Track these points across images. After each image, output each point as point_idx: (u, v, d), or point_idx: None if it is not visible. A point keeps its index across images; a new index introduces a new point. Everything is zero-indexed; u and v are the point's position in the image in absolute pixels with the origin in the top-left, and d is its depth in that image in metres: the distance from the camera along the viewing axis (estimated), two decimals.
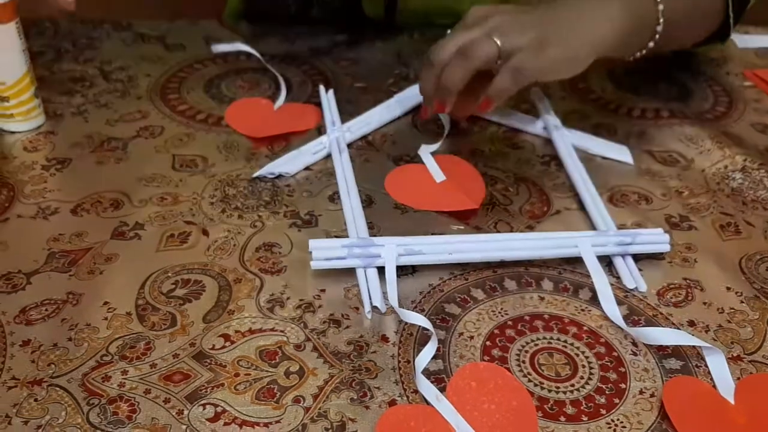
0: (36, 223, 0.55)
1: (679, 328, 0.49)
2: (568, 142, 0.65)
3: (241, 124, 0.68)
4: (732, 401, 0.44)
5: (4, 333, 0.47)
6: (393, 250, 0.52)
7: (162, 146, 0.64)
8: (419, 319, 0.48)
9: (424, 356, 0.46)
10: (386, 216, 0.57)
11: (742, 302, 0.51)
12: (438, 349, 0.47)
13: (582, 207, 0.59)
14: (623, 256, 0.54)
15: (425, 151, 0.64)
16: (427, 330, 0.47)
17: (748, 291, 0.52)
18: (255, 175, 0.61)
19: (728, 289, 0.52)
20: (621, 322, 0.48)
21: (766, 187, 0.62)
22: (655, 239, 0.54)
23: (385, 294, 0.50)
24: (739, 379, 0.45)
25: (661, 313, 0.50)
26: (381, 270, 0.52)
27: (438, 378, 0.45)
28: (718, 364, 0.46)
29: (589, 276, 0.52)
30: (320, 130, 0.67)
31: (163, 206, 0.57)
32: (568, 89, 0.74)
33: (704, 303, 0.51)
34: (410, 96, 0.71)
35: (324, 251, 0.51)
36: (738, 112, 0.72)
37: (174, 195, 0.59)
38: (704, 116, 0.71)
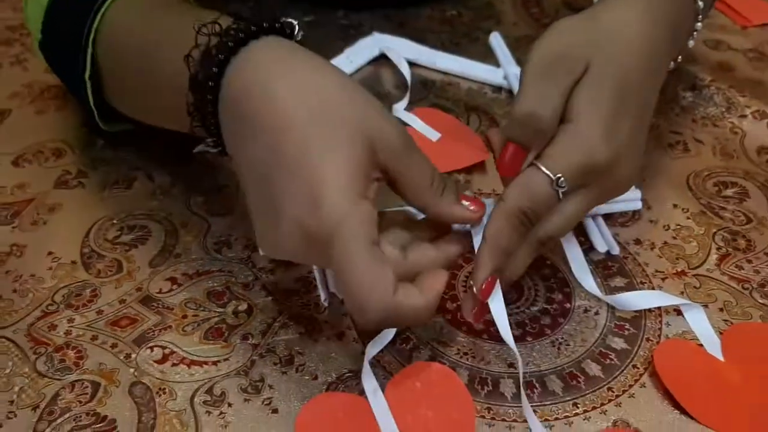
0: None
1: (626, 247, 0.49)
2: None
3: None
4: (721, 358, 0.42)
5: None
6: None
7: None
8: None
9: (377, 345, 0.42)
10: None
11: (688, 218, 0.52)
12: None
13: None
14: (593, 217, 0.50)
15: (401, 110, 0.59)
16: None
17: (694, 207, 0.52)
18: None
19: (675, 206, 0.52)
20: (596, 291, 0.46)
21: (716, 103, 0.62)
22: (626, 196, 0.49)
23: None
24: (722, 333, 0.44)
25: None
26: None
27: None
28: (699, 321, 0.44)
29: None
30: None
31: (106, 152, 0.56)
32: (521, 14, 0.73)
33: (651, 221, 0.51)
34: (362, 49, 0.65)
35: None
36: None
37: (117, 140, 0.57)
38: None
